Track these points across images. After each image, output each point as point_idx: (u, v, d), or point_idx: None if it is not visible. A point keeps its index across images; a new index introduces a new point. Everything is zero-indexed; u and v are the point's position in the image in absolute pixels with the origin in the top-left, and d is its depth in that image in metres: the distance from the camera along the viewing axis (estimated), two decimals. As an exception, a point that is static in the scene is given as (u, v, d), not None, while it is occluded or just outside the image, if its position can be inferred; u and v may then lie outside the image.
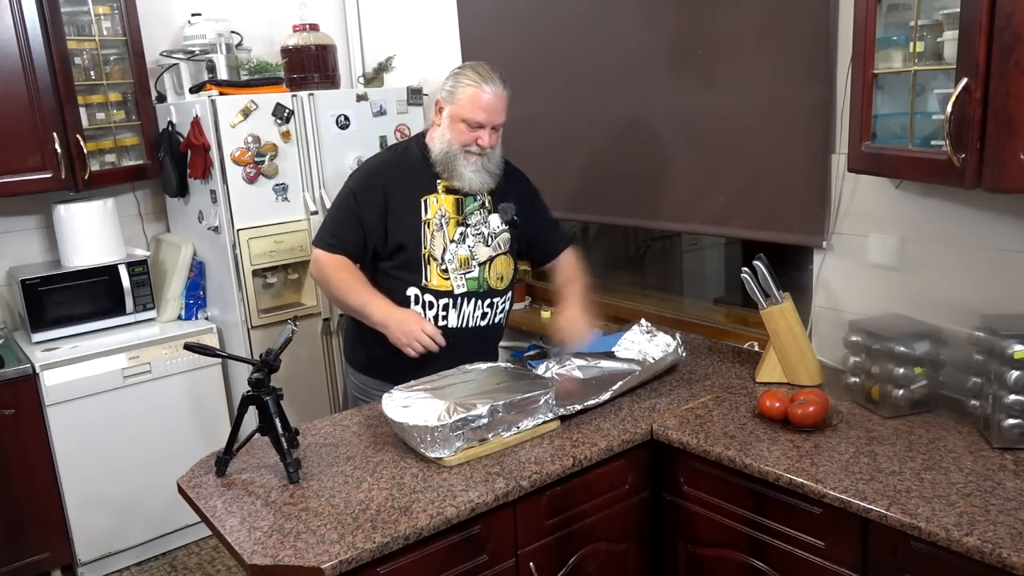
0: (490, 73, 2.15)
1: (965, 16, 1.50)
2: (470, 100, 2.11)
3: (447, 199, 2.20)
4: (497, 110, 2.14)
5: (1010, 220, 1.86)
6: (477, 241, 2.24)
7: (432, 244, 2.18)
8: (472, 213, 2.23)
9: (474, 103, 2.11)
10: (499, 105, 2.15)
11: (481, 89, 2.11)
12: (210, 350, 1.86)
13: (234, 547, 1.53)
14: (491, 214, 2.27)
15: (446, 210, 2.20)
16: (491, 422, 1.82)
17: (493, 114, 2.14)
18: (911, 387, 1.87)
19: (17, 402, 2.82)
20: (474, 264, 2.23)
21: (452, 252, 2.20)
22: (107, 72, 3.21)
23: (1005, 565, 1.35)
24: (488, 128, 2.14)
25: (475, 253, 2.23)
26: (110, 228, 3.17)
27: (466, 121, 2.12)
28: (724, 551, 1.87)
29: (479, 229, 2.24)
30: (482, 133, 2.13)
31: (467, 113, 2.12)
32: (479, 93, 2.11)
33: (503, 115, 2.17)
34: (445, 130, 2.16)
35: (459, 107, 2.12)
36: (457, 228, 2.21)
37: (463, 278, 2.22)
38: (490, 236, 2.26)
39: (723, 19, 2.38)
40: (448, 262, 2.19)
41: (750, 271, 2.13)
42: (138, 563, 3.18)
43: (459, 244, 2.21)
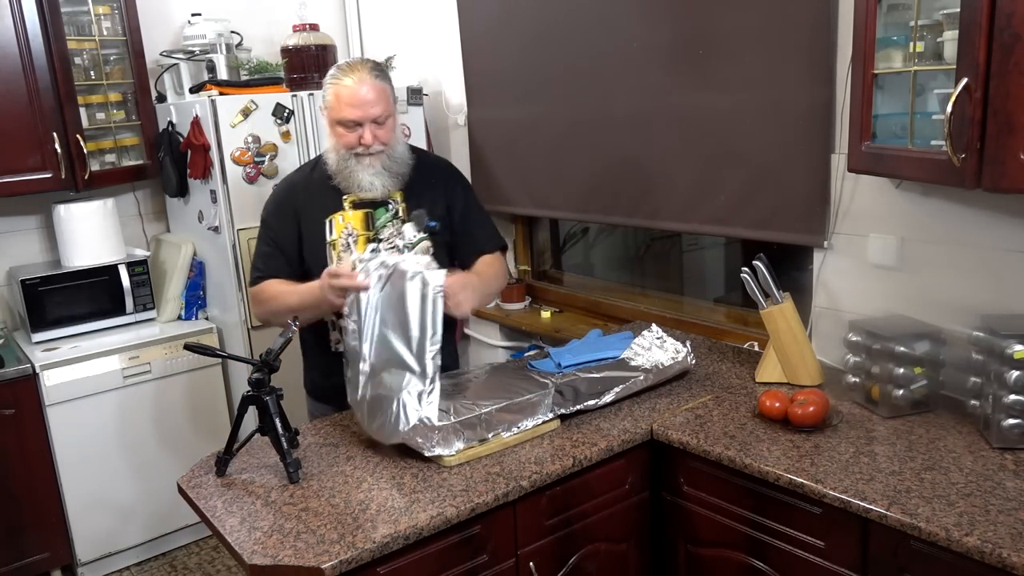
0: (354, 65, 1.98)
1: (965, 16, 1.50)
2: (336, 99, 1.96)
3: (355, 215, 2.04)
4: (368, 102, 1.94)
5: (1010, 220, 1.86)
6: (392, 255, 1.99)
7: (339, 266, 1.94)
8: (384, 227, 2.06)
9: (340, 102, 1.95)
10: (370, 96, 1.94)
11: (341, 84, 1.95)
12: (210, 350, 1.86)
13: (234, 547, 1.53)
14: (404, 223, 2.08)
15: (353, 228, 2.04)
16: (491, 422, 1.82)
17: (365, 107, 1.94)
18: (911, 387, 1.87)
19: (17, 402, 2.82)
20: None
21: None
22: (107, 72, 3.21)
23: (1005, 565, 1.35)
24: (367, 124, 1.96)
25: None
26: (110, 228, 3.17)
27: (342, 123, 1.97)
28: (724, 551, 1.87)
29: (392, 243, 2.05)
30: (362, 131, 1.96)
31: (338, 114, 1.96)
32: (340, 89, 1.95)
33: (379, 105, 1.96)
34: (330, 138, 2.03)
35: (331, 111, 1.98)
36: (368, 245, 2.03)
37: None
38: (406, 248, 2.05)
39: (724, 19, 2.38)
40: None
41: (750, 271, 2.13)
42: (138, 563, 3.18)
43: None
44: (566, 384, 1.98)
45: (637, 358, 2.14)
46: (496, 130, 3.32)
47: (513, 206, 3.34)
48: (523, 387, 1.92)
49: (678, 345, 2.19)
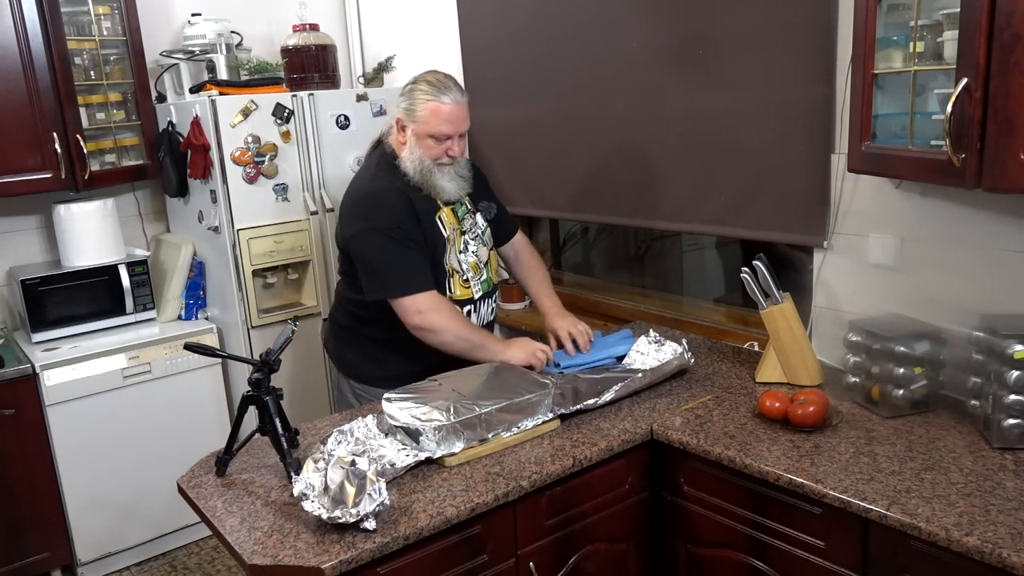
0: (445, 82, 2.14)
1: (965, 16, 1.50)
2: (432, 115, 2.10)
3: (448, 211, 2.24)
4: (460, 118, 2.14)
5: (1010, 220, 1.86)
6: (477, 244, 2.30)
7: (450, 258, 2.22)
8: (464, 219, 2.28)
9: (437, 117, 2.10)
10: (461, 113, 2.14)
11: (440, 102, 2.10)
12: (210, 350, 1.86)
13: (234, 547, 1.53)
14: (475, 214, 2.33)
15: (453, 224, 2.24)
16: (491, 422, 1.82)
17: (457, 123, 2.13)
18: (911, 387, 1.87)
19: (17, 402, 2.82)
20: (483, 267, 2.30)
21: (464, 262, 2.26)
22: (107, 72, 3.21)
23: (1005, 565, 1.35)
24: (456, 137, 2.14)
25: (479, 256, 2.30)
26: (110, 228, 3.17)
27: (433, 136, 2.11)
28: (724, 551, 1.87)
29: (475, 232, 2.30)
30: (451, 144, 2.14)
31: (432, 128, 2.10)
32: (439, 107, 2.10)
33: (467, 121, 2.17)
34: (414, 148, 2.14)
35: (423, 124, 2.11)
36: (462, 237, 2.26)
37: (479, 283, 2.28)
38: (483, 235, 2.33)
39: (724, 19, 2.38)
40: (465, 271, 2.25)
41: (750, 271, 2.13)
42: (138, 563, 3.18)
43: (466, 252, 2.26)
44: (566, 384, 1.99)
45: (635, 361, 2.18)
46: (496, 130, 3.32)
47: (513, 206, 3.33)
48: (523, 387, 1.92)
49: (675, 346, 2.21)
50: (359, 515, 1.51)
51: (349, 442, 1.71)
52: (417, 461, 1.73)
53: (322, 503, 1.54)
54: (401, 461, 1.71)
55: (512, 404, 1.86)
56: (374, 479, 1.54)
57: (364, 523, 1.52)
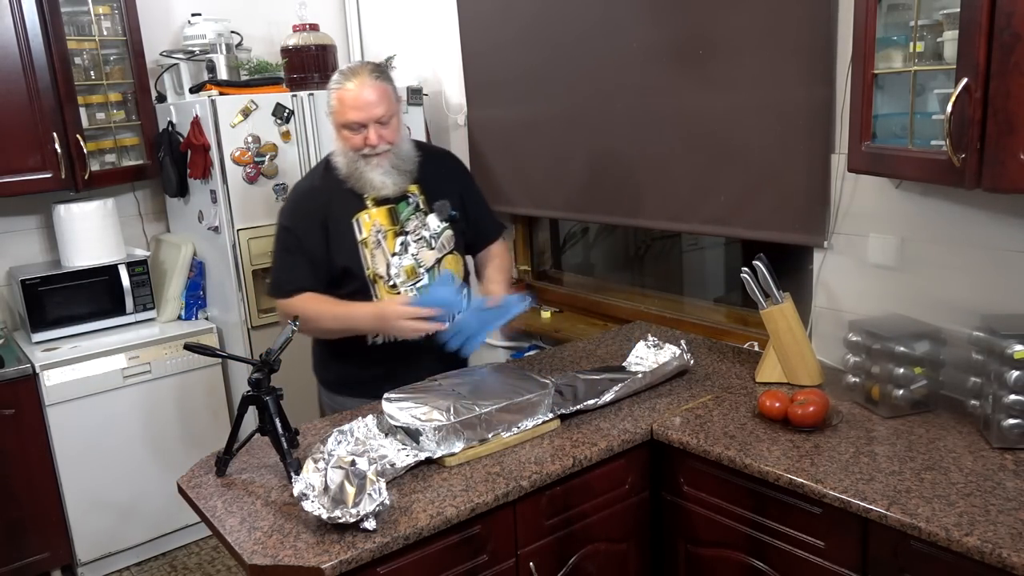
0: (355, 69, 2.02)
1: (965, 16, 1.50)
2: (340, 103, 2.00)
3: (379, 212, 2.10)
4: (370, 103, 1.98)
5: (1010, 220, 1.86)
6: (420, 247, 2.14)
7: (374, 263, 2.10)
8: (408, 219, 2.13)
9: (344, 105, 2.00)
10: (371, 97, 1.98)
11: (344, 88, 1.99)
12: (210, 350, 1.86)
13: (234, 547, 1.53)
14: (427, 215, 2.15)
15: (380, 224, 2.10)
16: (491, 422, 1.82)
17: (367, 109, 1.98)
18: (911, 387, 1.87)
19: (17, 402, 2.82)
20: (422, 271, 2.14)
21: (396, 265, 2.11)
22: (107, 72, 3.21)
23: (1005, 565, 1.35)
24: (372, 125, 2.00)
25: (420, 260, 2.14)
26: (110, 228, 3.17)
27: (347, 126, 2.01)
28: (724, 551, 1.87)
29: (419, 234, 2.13)
30: (367, 132, 2.00)
31: (343, 117, 2.01)
32: (343, 93, 1.99)
33: (382, 106, 2.00)
34: (338, 143, 2.07)
35: (336, 115, 2.03)
36: (396, 239, 2.11)
37: (413, 289, 2.13)
38: (432, 238, 2.15)
39: (724, 19, 2.38)
40: (395, 276, 2.11)
41: (750, 271, 2.13)
42: (138, 563, 3.18)
43: (402, 255, 2.12)
44: (566, 384, 2.00)
45: (637, 367, 2.19)
46: (496, 130, 3.32)
47: (513, 206, 3.34)
48: (523, 387, 1.92)
49: (674, 348, 2.21)
50: (359, 515, 1.51)
51: (349, 442, 1.72)
52: (417, 461, 1.73)
53: (322, 503, 1.54)
54: (401, 461, 1.71)
55: (512, 404, 1.86)
56: (374, 479, 1.54)
57: (364, 523, 1.52)
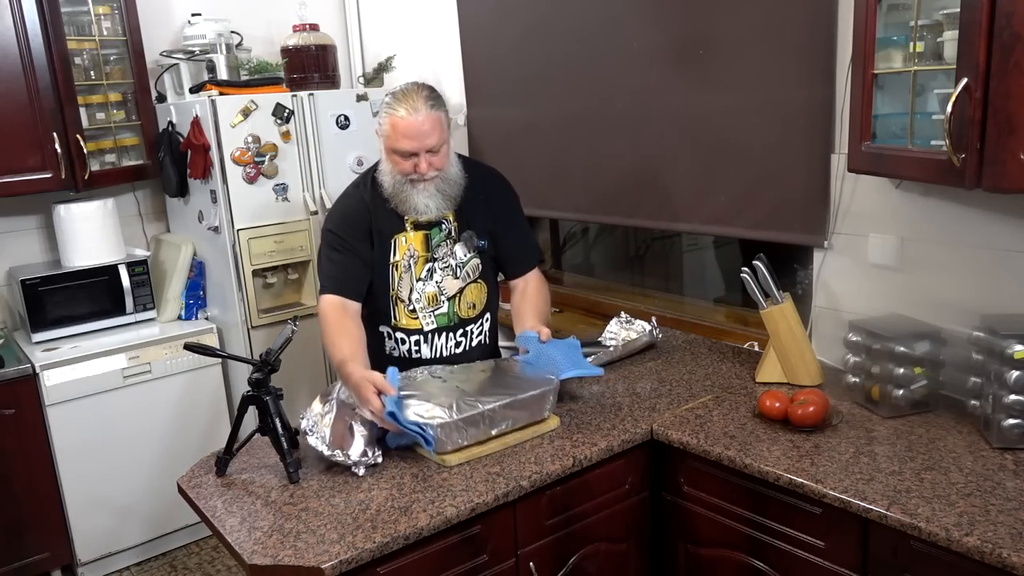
0: (410, 96, 2.00)
1: (965, 16, 1.50)
2: (393, 130, 2.00)
3: (416, 236, 2.12)
4: (423, 133, 1.99)
5: (1010, 220, 1.86)
6: (445, 275, 2.15)
7: (399, 286, 2.12)
8: (438, 246, 2.14)
9: (396, 132, 1.99)
10: (424, 128, 1.98)
11: (399, 117, 1.98)
12: (210, 350, 1.86)
13: (234, 547, 1.53)
14: (456, 243, 2.15)
15: (415, 249, 2.12)
16: (495, 419, 1.82)
17: (419, 139, 1.99)
18: (911, 387, 1.87)
19: (17, 402, 2.82)
20: (443, 299, 2.15)
21: (419, 291, 2.13)
22: (107, 72, 3.20)
23: (1005, 565, 1.35)
24: (422, 153, 2.00)
25: (444, 288, 2.15)
26: (110, 228, 3.17)
27: (397, 152, 2.02)
28: (724, 551, 1.87)
29: (447, 261, 2.15)
30: (418, 160, 2.01)
31: (394, 143, 2.01)
32: (397, 121, 1.99)
33: (434, 136, 2.00)
34: (385, 163, 2.08)
35: (388, 140, 2.03)
36: (425, 265, 2.13)
37: (431, 316, 2.15)
38: (458, 267, 2.16)
39: (724, 19, 2.38)
40: (415, 302, 2.13)
41: (750, 271, 2.13)
42: (138, 563, 3.18)
43: (426, 282, 2.13)
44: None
45: (611, 342, 2.42)
46: (496, 130, 3.32)
47: (513, 206, 3.34)
48: (526, 383, 1.92)
49: (644, 324, 2.48)
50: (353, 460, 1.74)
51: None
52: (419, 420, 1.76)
53: (324, 439, 1.76)
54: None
55: (516, 401, 1.85)
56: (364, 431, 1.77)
57: (355, 469, 1.74)
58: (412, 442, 1.83)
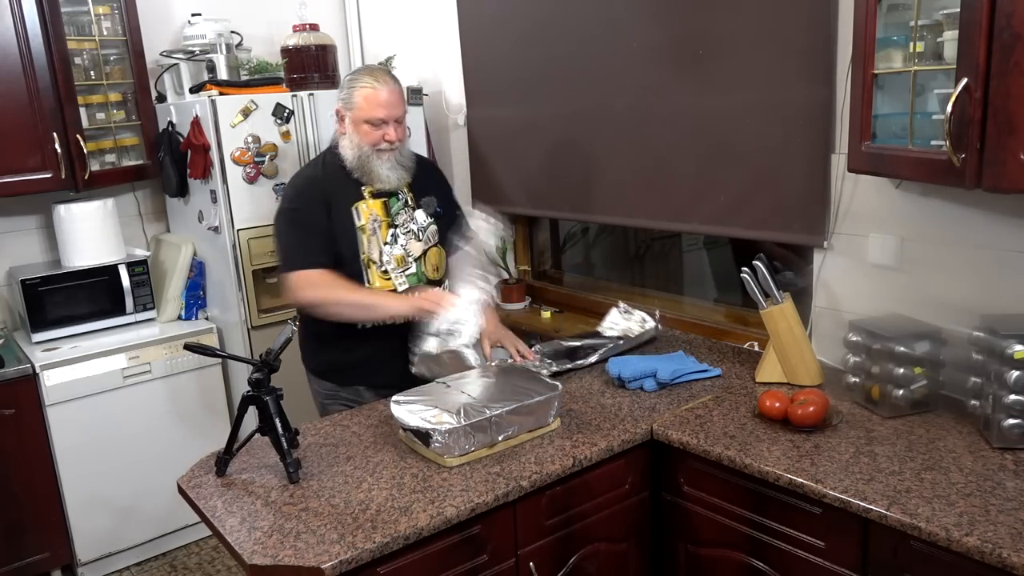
0: (379, 71, 2.25)
1: (965, 16, 1.50)
2: (367, 100, 2.19)
3: (375, 203, 2.28)
4: (394, 103, 2.22)
5: (1010, 220, 1.86)
6: (409, 239, 2.32)
7: (369, 249, 2.26)
8: (398, 213, 2.31)
9: (371, 102, 2.19)
10: (394, 99, 2.22)
11: (375, 89, 2.20)
12: (210, 350, 1.86)
13: (234, 547, 1.53)
14: (415, 210, 2.35)
15: (376, 214, 2.27)
16: (502, 424, 1.82)
17: (391, 108, 2.21)
18: (911, 387, 1.87)
19: (17, 402, 2.82)
20: (410, 260, 2.32)
21: (388, 253, 2.28)
22: (107, 72, 3.20)
23: (1005, 565, 1.35)
24: (391, 122, 2.22)
25: (409, 250, 2.32)
26: (110, 228, 3.17)
27: (369, 122, 2.20)
28: (724, 551, 1.87)
29: (408, 227, 2.32)
30: (387, 129, 2.21)
31: (367, 114, 2.20)
32: (375, 93, 2.19)
33: (401, 107, 2.25)
34: (352, 135, 2.23)
35: (359, 111, 2.20)
36: (388, 230, 2.29)
37: (403, 276, 2.31)
38: (420, 231, 2.34)
39: (724, 19, 2.38)
40: (386, 263, 2.28)
41: (750, 271, 2.13)
42: (138, 563, 3.18)
43: (392, 245, 2.29)
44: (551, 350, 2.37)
45: (611, 331, 2.52)
46: (496, 130, 3.32)
47: (513, 206, 3.34)
48: (532, 389, 1.92)
49: (644, 315, 2.56)
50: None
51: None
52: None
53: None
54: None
55: (523, 406, 1.85)
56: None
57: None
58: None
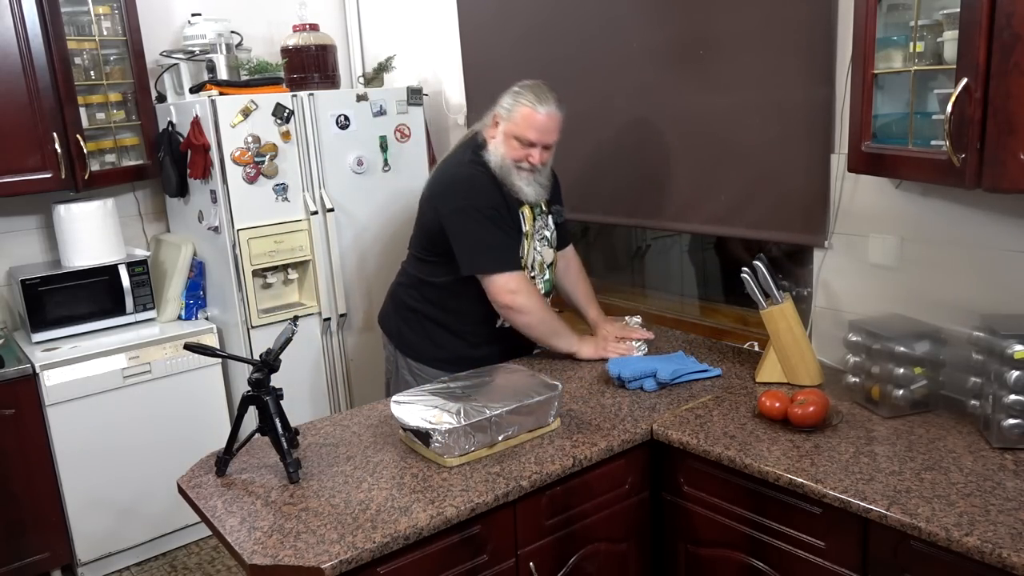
0: (546, 94, 2.24)
1: (965, 16, 1.50)
2: (524, 119, 2.21)
3: (528, 209, 2.34)
4: (549, 130, 2.24)
5: (1010, 220, 1.86)
6: (544, 245, 2.40)
7: (527, 254, 2.33)
8: (537, 219, 2.38)
9: (528, 122, 2.21)
10: (551, 125, 2.23)
11: (535, 110, 2.20)
12: (210, 350, 1.86)
13: (234, 547, 1.53)
14: (547, 216, 2.42)
15: (530, 222, 2.35)
16: (502, 424, 1.82)
17: (545, 134, 2.23)
18: (911, 387, 1.87)
19: (17, 402, 2.82)
20: (546, 267, 2.42)
21: (534, 259, 2.37)
22: (107, 72, 3.21)
23: (1005, 565, 1.35)
24: (539, 147, 2.24)
25: (544, 257, 2.41)
26: (110, 228, 3.17)
27: (519, 139, 2.22)
28: (724, 551, 1.87)
29: (543, 233, 2.40)
30: (533, 151, 2.23)
31: (520, 131, 2.22)
32: (534, 114, 2.20)
33: (555, 134, 2.26)
34: (499, 145, 2.26)
35: (514, 125, 2.22)
36: (534, 236, 2.37)
37: (542, 281, 2.40)
38: (552, 238, 2.43)
39: (724, 19, 2.38)
40: (533, 269, 2.37)
41: (750, 271, 2.13)
42: (138, 563, 3.18)
43: (536, 252, 2.38)
44: None
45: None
46: (496, 130, 3.31)
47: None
48: (532, 389, 1.92)
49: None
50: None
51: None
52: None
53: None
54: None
55: (522, 407, 1.85)
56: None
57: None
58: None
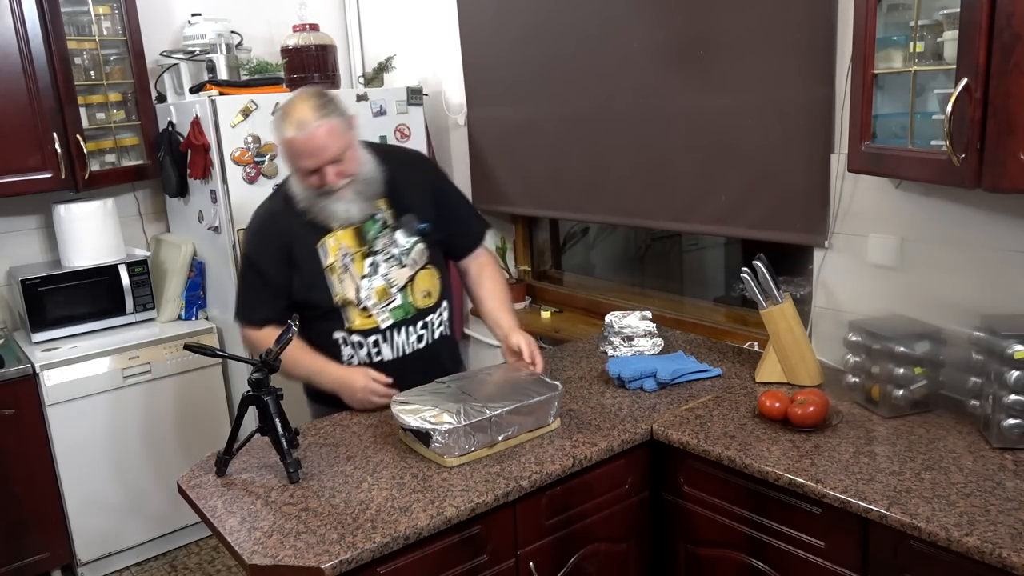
0: (296, 111, 1.91)
1: (965, 16, 1.50)
2: (289, 151, 1.93)
3: (344, 234, 2.03)
4: (318, 148, 1.90)
5: (1010, 220, 1.86)
6: (391, 266, 2.07)
7: (343, 288, 2.04)
8: (376, 238, 2.06)
9: (294, 153, 1.93)
10: (318, 142, 1.89)
11: (294, 138, 1.90)
12: (210, 350, 1.86)
13: (234, 547, 1.53)
14: (395, 231, 2.08)
15: (347, 247, 2.04)
16: (502, 424, 1.82)
17: (316, 154, 1.91)
18: (911, 387, 1.87)
19: (17, 402, 2.82)
20: (394, 292, 2.08)
21: (367, 288, 2.05)
22: (107, 72, 3.21)
23: (1005, 565, 1.35)
24: (324, 167, 1.92)
25: (392, 280, 2.07)
26: (110, 228, 3.17)
27: (299, 170, 1.96)
28: (724, 551, 1.87)
29: (389, 252, 2.07)
30: (323, 174, 1.94)
31: (295, 164, 1.96)
32: (294, 142, 1.91)
33: (331, 147, 1.91)
34: (295, 178, 2.02)
35: (288, 160, 1.97)
36: (365, 260, 2.05)
37: (386, 311, 2.08)
38: (403, 255, 2.08)
39: (724, 19, 2.38)
40: (365, 299, 2.05)
41: (750, 271, 2.13)
42: (138, 563, 3.18)
43: (371, 277, 2.05)
44: None
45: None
46: (496, 130, 3.32)
47: (513, 206, 3.34)
48: (532, 389, 1.92)
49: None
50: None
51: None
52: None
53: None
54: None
55: (523, 406, 1.85)
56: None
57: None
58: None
